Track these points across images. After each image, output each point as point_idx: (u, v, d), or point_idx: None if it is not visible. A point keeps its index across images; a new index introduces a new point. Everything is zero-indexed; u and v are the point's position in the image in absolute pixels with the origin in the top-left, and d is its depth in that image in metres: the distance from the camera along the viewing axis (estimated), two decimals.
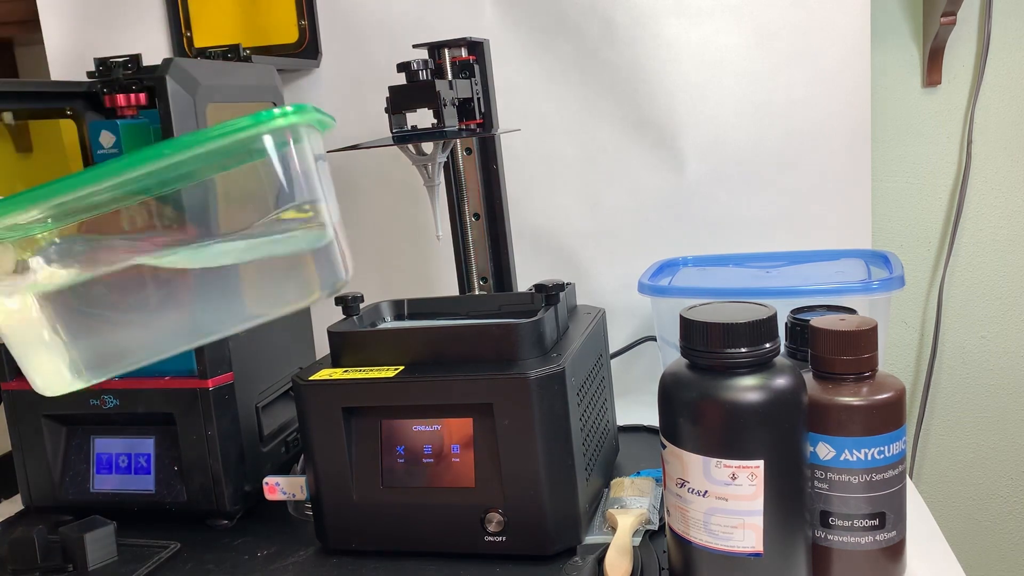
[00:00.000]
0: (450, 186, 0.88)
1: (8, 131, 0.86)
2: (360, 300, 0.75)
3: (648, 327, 1.03)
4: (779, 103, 0.99)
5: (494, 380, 0.62)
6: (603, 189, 1.04)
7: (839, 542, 0.56)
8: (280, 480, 0.72)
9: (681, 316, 0.55)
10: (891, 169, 1.12)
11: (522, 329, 0.64)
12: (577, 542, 0.65)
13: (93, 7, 1.11)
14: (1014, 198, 1.10)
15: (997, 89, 1.08)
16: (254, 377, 0.80)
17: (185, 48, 1.09)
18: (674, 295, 0.84)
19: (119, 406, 0.78)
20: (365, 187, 1.09)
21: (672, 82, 1.00)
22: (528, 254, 1.03)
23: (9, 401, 0.81)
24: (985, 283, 1.13)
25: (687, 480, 0.54)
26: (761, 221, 1.02)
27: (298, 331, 0.92)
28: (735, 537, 0.53)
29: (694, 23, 0.99)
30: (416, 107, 0.77)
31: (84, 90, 0.84)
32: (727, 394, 0.52)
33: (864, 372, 0.55)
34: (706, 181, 1.02)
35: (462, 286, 0.89)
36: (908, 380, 1.16)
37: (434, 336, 0.66)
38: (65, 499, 0.79)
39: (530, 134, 1.02)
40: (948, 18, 1.00)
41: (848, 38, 0.97)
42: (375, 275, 1.11)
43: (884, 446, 0.54)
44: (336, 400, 0.65)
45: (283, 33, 1.07)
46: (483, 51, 0.84)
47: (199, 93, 0.73)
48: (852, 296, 0.77)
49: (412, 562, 0.65)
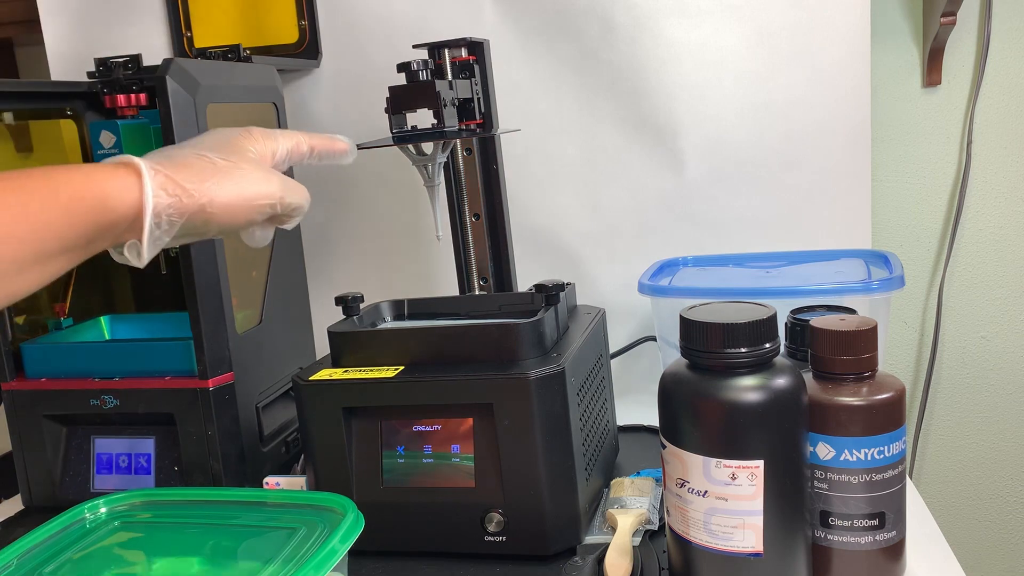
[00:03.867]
0: (450, 186, 0.88)
1: (8, 131, 0.86)
2: (360, 300, 0.75)
3: (648, 327, 1.03)
4: (779, 103, 0.99)
5: (494, 380, 0.62)
6: (603, 189, 1.04)
7: (839, 542, 0.56)
8: (280, 480, 0.72)
9: (681, 316, 0.55)
10: (891, 169, 1.12)
11: (522, 329, 0.64)
12: (577, 542, 0.65)
13: (93, 7, 1.11)
14: (1014, 198, 1.10)
15: (997, 89, 1.08)
16: (254, 377, 0.80)
17: (185, 48, 1.09)
18: (674, 295, 0.84)
19: (119, 406, 0.78)
20: (365, 187, 1.09)
21: (672, 82, 1.00)
22: (528, 254, 1.03)
23: (9, 401, 0.81)
24: (985, 283, 1.12)
25: (687, 480, 0.54)
26: (761, 221, 1.02)
27: (298, 331, 0.92)
28: (735, 537, 0.53)
29: (694, 23, 0.99)
30: (416, 107, 0.77)
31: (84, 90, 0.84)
32: (727, 394, 0.52)
33: (864, 372, 0.55)
34: (706, 181, 1.02)
35: (462, 286, 0.89)
36: (908, 380, 1.16)
37: (434, 336, 0.66)
38: (65, 499, 0.79)
39: (530, 134, 1.02)
40: (948, 18, 1.00)
41: (848, 38, 0.97)
42: (375, 275, 1.11)
43: (884, 446, 0.54)
44: (336, 400, 0.65)
45: (283, 33, 1.07)
46: (483, 51, 0.84)
47: (199, 93, 0.73)
48: (852, 296, 0.77)
49: (412, 562, 0.65)
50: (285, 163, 0.56)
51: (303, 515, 0.60)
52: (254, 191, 0.51)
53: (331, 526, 0.57)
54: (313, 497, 0.62)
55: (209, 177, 0.49)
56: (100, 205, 0.45)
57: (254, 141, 0.54)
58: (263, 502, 0.63)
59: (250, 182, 0.51)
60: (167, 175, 0.47)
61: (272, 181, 0.52)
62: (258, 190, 0.51)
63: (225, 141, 0.53)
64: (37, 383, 0.80)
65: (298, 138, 0.57)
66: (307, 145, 0.57)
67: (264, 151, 0.54)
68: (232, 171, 0.50)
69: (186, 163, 0.49)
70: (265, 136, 0.55)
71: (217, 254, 0.75)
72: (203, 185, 0.48)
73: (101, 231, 0.46)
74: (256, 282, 0.84)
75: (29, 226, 0.42)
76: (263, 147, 0.54)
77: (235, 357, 0.77)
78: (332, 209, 1.10)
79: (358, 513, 0.57)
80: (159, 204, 0.47)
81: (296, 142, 0.57)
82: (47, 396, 0.80)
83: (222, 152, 0.51)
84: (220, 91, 0.77)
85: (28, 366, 0.81)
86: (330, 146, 0.59)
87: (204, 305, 0.74)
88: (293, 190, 0.54)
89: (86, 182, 0.45)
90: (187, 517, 0.63)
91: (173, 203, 0.47)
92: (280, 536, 0.58)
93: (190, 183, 0.48)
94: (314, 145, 0.58)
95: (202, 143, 0.52)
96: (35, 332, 0.85)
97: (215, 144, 0.52)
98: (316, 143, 0.58)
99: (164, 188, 0.47)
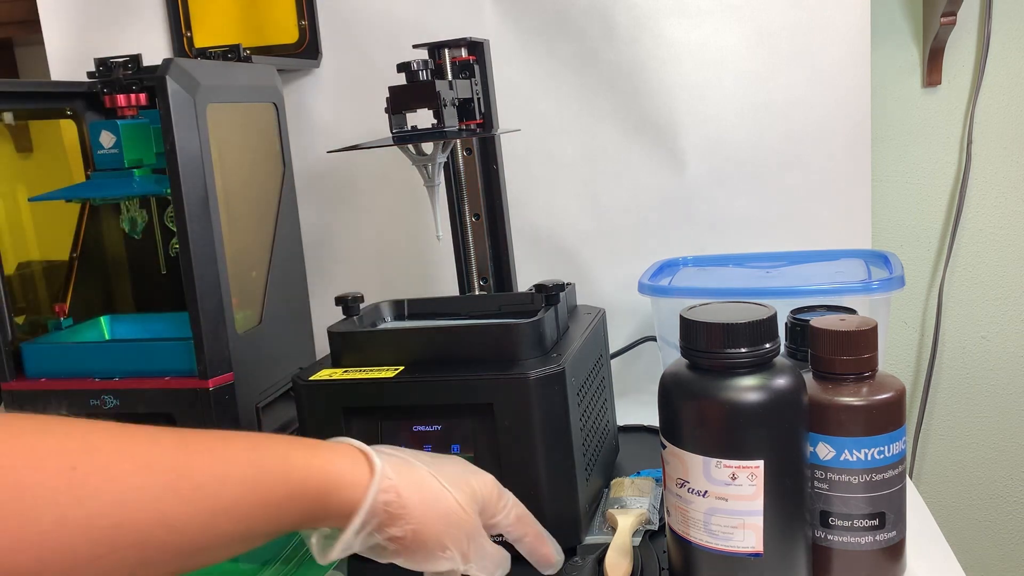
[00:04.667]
0: (450, 186, 0.87)
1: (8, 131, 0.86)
2: (360, 300, 0.75)
3: (648, 327, 1.03)
4: (779, 103, 0.99)
5: (494, 380, 0.62)
6: (603, 189, 1.04)
7: (839, 542, 0.56)
8: None
9: (681, 316, 0.55)
10: (891, 169, 1.12)
11: (522, 329, 0.64)
12: (577, 542, 0.65)
13: (93, 7, 1.10)
14: (1014, 198, 1.10)
15: (997, 89, 1.08)
16: (254, 377, 0.80)
17: (185, 48, 1.09)
18: (674, 295, 0.84)
19: (119, 406, 0.78)
20: (365, 187, 1.09)
21: (672, 82, 1.00)
22: (528, 254, 1.03)
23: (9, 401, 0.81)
24: (985, 283, 1.12)
25: (687, 480, 0.54)
26: (761, 221, 1.02)
27: (298, 331, 0.92)
28: (735, 537, 0.53)
29: (694, 23, 0.99)
30: (416, 107, 0.77)
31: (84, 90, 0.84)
32: (727, 394, 0.52)
33: (864, 372, 0.55)
34: (706, 181, 1.02)
35: (462, 286, 0.89)
36: (908, 380, 1.16)
37: (434, 336, 0.66)
38: None
39: (530, 134, 1.02)
40: (948, 18, 1.00)
41: (848, 38, 0.97)
42: (375, 275, 1.11)
43: (884, 446, 0.54)
44: (336, 400, 0.65)
45: (283, 33, 1.07)
46: (483, 51, 0.84)
47: (199, 93, 0.73)
48: (852, 296, 0.77)
49: None
50: (496, 530, 0.53)
51: None
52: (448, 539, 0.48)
53: None
54: None
55: (430, 507, 0.47)
56: (327, 490, 0.44)
57: (489, 500, 0.52)
58: None
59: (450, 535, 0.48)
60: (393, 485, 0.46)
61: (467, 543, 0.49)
62: (449, 548, 0.48)
63: (465, 481, 0.51)
64: (37, 383, 0.80)
65: (526, 522, 0.54)
66: (522, 532, 0.55)
67: (490, 512, 0.52)
68: (452, 512, 0.48)
69: (416, 478, 0.48)
70: (500, 498, 0.53)
71: (217, 254, 0.75)
72: (417, 510, 0.46)
73: (316, 519, 0.44)
74: (256, 282, 0.84)
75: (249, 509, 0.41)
76: (492, 508, 0.52)
77: (235, 357, 0.77)
78: (332, 209, 1.10)
79: None
80: (377, 505, 0.45)
81: (518, 522, 0.54)
82: (47, 396, 0.80)
83: (455, 488, 0.49)
84: (220, 91, 0.77)
85: (28, 366, 0.81)
86: (539, 548, 0.56)
87: (204, 305, 0.74)
88: (482, 560, 0.51)
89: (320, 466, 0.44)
90: None
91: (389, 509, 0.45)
92: (279, 538, 0.58)
93: (409, 499, 0.46)
94: (528, 536, 0.55)
95: (442, 468, 0.50)
96: (35, 332, 0.85)
97: (453, 480, 0.50)
98: (531, 537, 0.55)
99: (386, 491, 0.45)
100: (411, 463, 0.49)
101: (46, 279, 0.89)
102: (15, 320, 0.83)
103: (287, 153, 0.91)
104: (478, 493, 0.51)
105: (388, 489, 0.46)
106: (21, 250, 0.87)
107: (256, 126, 0.86)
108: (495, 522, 0.53)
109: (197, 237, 0.73)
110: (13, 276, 0.85)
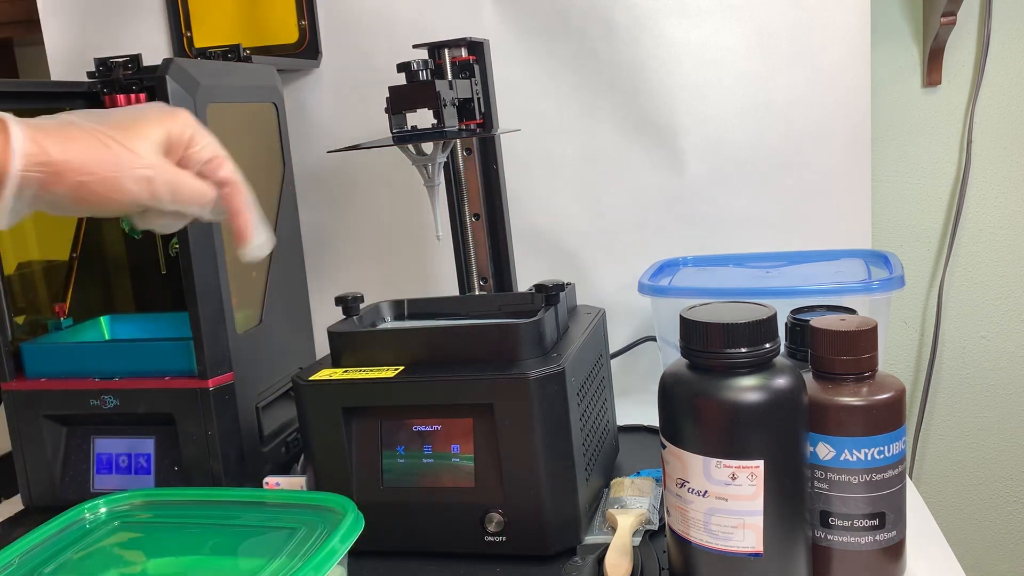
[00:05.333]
0: (450, 186, 0.88)
1: None
2: (360, 300, 0.75)
3: (648, 327, 1.03)
4: (779, 103, 0.99)
5: (494, 380, 0.62)
6: (603, 189, 1.04)
7: (839, 542, 0.56)
8: (280, 480, 0.72)
9: (681, 316, 0.55)
10: (891, 169, 1.12)
11: (522, 329, 0.64)
12: (577, 542, 0.65)
13: (93, 7, 1.11)
14: (1014, 198, 1.10)
15: (997, 89, 1.08)
16: (254, 377, 0.80)
17: (185, 48, 1.09)
18: (674, 295, 0.84)
19: (119, 406, 0.78)
20: (365, 187, 1.09)
21: (672, 82, 1.00)
22: (528, 254, 1.03)
23: (9, 401, 0.81)
24: (985, 283, 1.13)
25: (687, 480, 0.54)
26: (761, 221, 1.02)
27: (298, 331, 0.92)
28: (735, 537, 0.53)
29: (694, 23, 0.99)
30: (416, 107, 0.77)
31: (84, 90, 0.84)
32: (727, 394, 0.52)
33: (864, 372, 0.55)
34: (706, 181, 1.02)
35: (462, 286, 0.89)
36: (908, 380, 1.16)
37: (434, 336, 0.66)
38: (65, 499, 0.79)
39: (530, 134, 1.02)
40: (948, 18, 1.00)
41: (848, 38, 0.97)
42: (375, 275, 1.11)
43: (884, 446, 0.54)
44: (336, 400, 0.65)
45: (283, 33, 1.07)
46: (483, 51, 0.84)
47: (199, 93, 0.73)
48: (852, 296, 0.77)
49: (412, 562, 0.65)
50: (194, 167, 0.52)
51: (303, 515, 0.60)
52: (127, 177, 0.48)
53: (331, 526, 0.57)
54: (313, 497, 0.62)
55: (91, 156, 0.47)
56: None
57: (175, 139, 0.51)
58: (263, 502, 0.63)
59: (126, 167, 0.48)
60: (37, 140, 0.46)
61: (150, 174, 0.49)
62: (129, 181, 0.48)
63: (133, 126, 0.50)
64: (37, 383, 0.80)
65: (227, 171, 0.52)
66: (222, 180, 0.52)
67: (177, 151, 0.51)
68: (112, 150, 0.48)
69: (68, 135, 0.47)
70: (192, 137, 0.51)
71: (217, 254, 0.75)
72: (75, 163, 0.46)
73: None
74: (256, 282, 0.84)
75: None
76: (178, 146, 0.51)
77: (235, 357, 0.77)
78: (332, 209, 1.10)
79: (358, 513, 0.57)
80: (28, 171, 0.45)
81: (215, 164, 0.52)
82: (47, 396, 0.80)
83: (117, 131, 0.49)
84: (220, 91, 0.77)
85: (28, 366, 0.81)
86: (239, 215, 0.53)
87: (204, 305, 0.74)
88: (177, 194, 0.50)
89: None
90: (187, 517, 0.63)
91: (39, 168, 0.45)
92: (280, 536, 0.58)
93: (58, 153, 0.46)
94: (233, 198, 0.53)
95: (108, 119, 0.50)
96: (35, 332, 0.85)
97: (119, 126, 0.49)
98: (235, 198, 0.53)
99: (31, 155, 0.45)
100: (66, 122, 0.48)
101: (46, 279, 0.89)
102: (15, 320, 0.83)
103: (287, 153, 0.91)
104: (156, 134, 0.50)
105: (35, 153, 0.46)
106: (21, 250, 0.87)
107: (256, 126, 0.86)
108: (188, 155, 0.52)
109: (197, 237, 0.73)
110: (13, 276, 0.85)
